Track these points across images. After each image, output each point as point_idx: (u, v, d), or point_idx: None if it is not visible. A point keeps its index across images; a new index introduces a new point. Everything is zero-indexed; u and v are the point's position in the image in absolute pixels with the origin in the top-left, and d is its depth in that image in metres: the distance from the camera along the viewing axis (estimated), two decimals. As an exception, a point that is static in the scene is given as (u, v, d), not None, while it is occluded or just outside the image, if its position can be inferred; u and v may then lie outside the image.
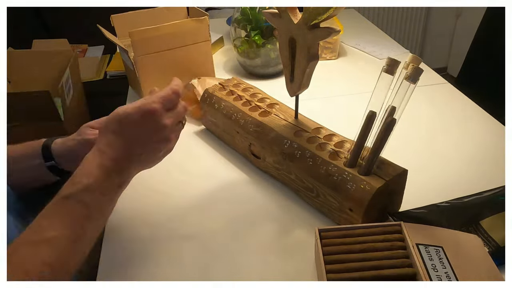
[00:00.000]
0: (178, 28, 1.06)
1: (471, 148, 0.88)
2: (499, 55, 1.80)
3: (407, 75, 0.60)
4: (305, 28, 0.66)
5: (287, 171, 0.75)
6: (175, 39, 1.07)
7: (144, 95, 1.09)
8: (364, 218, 0.64)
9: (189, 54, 1.10)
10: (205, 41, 1.12)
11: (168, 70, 1.09)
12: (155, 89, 0.60)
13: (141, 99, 0.57)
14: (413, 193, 0.72)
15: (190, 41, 1.09)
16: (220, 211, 0.74)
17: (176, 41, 1.07)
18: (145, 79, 1.08)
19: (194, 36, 1.09)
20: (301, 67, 0.70)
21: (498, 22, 1.78)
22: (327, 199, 0.68)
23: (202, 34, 1.10)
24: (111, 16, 1.16)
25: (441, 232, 0.60)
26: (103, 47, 2.33)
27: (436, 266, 0.54)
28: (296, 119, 0.79)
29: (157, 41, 1.05)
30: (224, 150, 0.90)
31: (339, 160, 0.68)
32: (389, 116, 0.63)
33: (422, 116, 0.98)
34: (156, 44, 1.05)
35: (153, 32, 1.03)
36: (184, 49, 1.09)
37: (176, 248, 0.68)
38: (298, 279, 0.61)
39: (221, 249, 0.67)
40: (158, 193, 0.79)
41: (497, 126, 0.94)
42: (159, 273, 0.64)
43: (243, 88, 0.90)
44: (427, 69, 1.17)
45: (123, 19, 1.17)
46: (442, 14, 2.63)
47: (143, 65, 1.06)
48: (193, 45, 1.10)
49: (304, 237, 0.68)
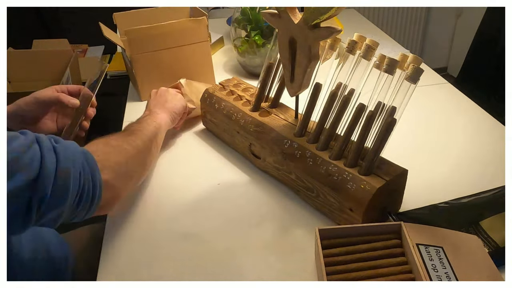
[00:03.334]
0: (175, 28, 1.06)
1: (471, 148, 0.87)
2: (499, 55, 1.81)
3: (407, 75, 0.60)
4: (306, 28, 0.66)
5: (287, 171, 0.75)
6: (172, 39, 1.07)
7: (142, 93, 1.10)
8: (364, 218, 0.64)
9: (187, 53, 1.10)
10: (204, 41, 1.11)
11: (166, 69, 1.09)
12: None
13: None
14: (413, 193, 0.72)
15: (189, 41, 1.09)
16: (220, 210, 0.74)
17: (174, 41, 1.07)
18: (142, 77, 1.08)
19: (192, 36, 1.09)
20: (301, 67, 0.70)
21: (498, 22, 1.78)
22: (327, 199, 0.68)
23: (200, 34, 1.10)
24: (114, 14, 1.16)
25: (441, 233, 0.60)
26: (103, 47, 2.33)
27: (436, 266, 0.54)
28: (296, 119, 0.79)
29: (153, 40, 1.05)
30: (224, 150, 0.90)
31: (339, 160, 0.68)
32: (389, 116, 0.63)
33: (422, 116, 0.98)
34: (153, 43, 1.05)
35: (149, 30, 1.03)
36: (182, 49, 1.09)
37: (176, 248, 0.68)
38: (297, 279, 0.61)
39: (221, 249, 0.67)
40: (158, 193, 0.79)
41: (497, 126, 0.94)
42: (159, 273, 0.64)
43: (243, 88, 0.90)
44: (427, 69, 1.17)
45: (125, 17, 1.17)
46: (442, 14, 2.63)
47: (140, 63, 1.06)
48: (191, 45, 1.10)
49: (304, 237, 0.68)
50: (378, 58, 0.63)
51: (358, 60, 0.65)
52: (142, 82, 1.09)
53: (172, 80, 0.98)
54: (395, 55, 0.62)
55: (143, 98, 1.11)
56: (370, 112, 0.65)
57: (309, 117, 0.74)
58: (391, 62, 0.61)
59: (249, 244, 0.67)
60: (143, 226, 0.72)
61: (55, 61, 1.56)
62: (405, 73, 0.61)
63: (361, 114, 0.66)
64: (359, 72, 0.65)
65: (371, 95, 0.65)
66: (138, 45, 1.04)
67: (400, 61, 0.62)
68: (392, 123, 0.63)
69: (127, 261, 0.66)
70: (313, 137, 0.72)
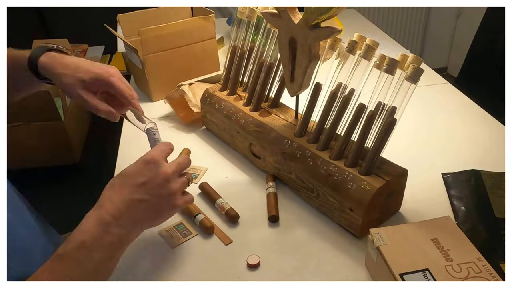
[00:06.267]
0: (185, 26, 1.08)
1: (471, 148, 0.87)
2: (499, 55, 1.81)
3: (407, 75, 0.60)
4: (306, 28, 0.66)
5: (287, 171, 0.75)
6: (182, 37, 1.08)
7: (153, 93, 1.10)
8: (365, 218, 0.64)
9: (196, 51, 1.12)
10: (211, 38, 1.14)
11: (176, 68, 1.11)
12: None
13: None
14: (413, 193, 0.72)
15: (197, 39, 1.11)
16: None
17: (184, 39, 1.09)
18: (152, 77, 1.09)
19: (200, 34, 1.11)
20: (302, 67, 0.70)
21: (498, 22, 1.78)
22: (327, 199, 0.68)
23: (208, 32, 1.12)
24: (118, 16, 1.17)
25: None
26: (103, 47, 2.33)
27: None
28: (296, 119, 0.79)
29: (165, 40, 1.06)
30: (224, 150, 0.90)
31: (339, 160, 0.68)
32: (389, 116, 0.63)
33: (422, 116, 0.98)
34: (165, 42, 1.06)
35: (161, 30, 1.04)
36: (191, 47, 1.11)
37: (176, 248, 0.68)
38: (297, 279, 0.62)
39: (221, 249, 0.67)
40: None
41: (497, 126, 0.94)
42: (159, 272, 0.64)
43: (243, 88, 0.90)
44: (427, 69, 1.17)
45: (129, 19, 1.17)
46: (442, 14, 2.63)
47: (152, 63, 1.07)
48: (199, 43, 1.12)
49: (304, 237, 0.68)
50: (378, 58, 0.63)
51: (358, 60, 0.65)
52: (154, 82, 1.10)
53: (182, 78, 0.99)
54: (395, 55, 0.62)
55: (154, 98, 1.12)
56: (370, 112, 0.65)
57: (309, 117, 0.74)
58: (391, 62, 0.61)
59: (248, 244, 0.67)
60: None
61: (55, 61, 1.56)
62: (405, 73, 0.61)
63: (361, 114, 0.66)
64: (359, 72, 0.66)
65: (371, 95, 0.65)
66: (150, 45, 1.05)
67: (400, 61, 0.62)
68: (392, 123, 0.63)
69: (127, 261, 0.66)
70: (313, 137, 0.72)
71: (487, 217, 0.69)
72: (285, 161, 0.74)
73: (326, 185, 0.68)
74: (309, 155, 0.71)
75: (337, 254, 0.65)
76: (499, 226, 0.67)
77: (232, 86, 0.89)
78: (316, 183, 0.69)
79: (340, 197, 0.66)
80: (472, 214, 0.70)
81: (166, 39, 1.06)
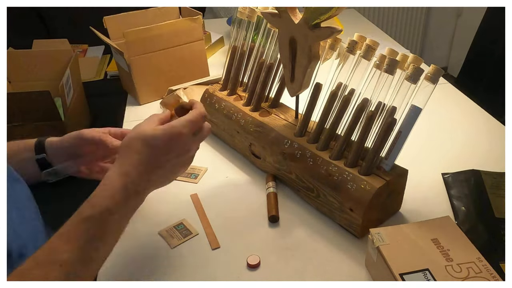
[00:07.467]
0: (172, 28, 1.06)
1: (471, 148, 0.87)
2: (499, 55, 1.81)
3: (407, 75, 0.60)
4: (306, 28, 0.66)
5: (287, 171, 0.75)
6: (169, 39, 1.07)
7: (141, 97, 1.09)
8: (365, 218, 0.64)
9: (183, 53, 1.10)
10: (199, 40, 1.12)
11: (163, 71, 1.09)
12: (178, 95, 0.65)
13: (170, 123, 0.57)
14: (413, 193, 0.72)
15: (184, 41, 1.09)
16: (220, 210, 0.74)
17: (171, 41, 1.07)
18: (139, 80, 1.07)
19: (188, 36, 1.09)
20: (302, 67, 0.70)
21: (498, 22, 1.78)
22: (327, 199, 0.68)
23: (196, 34, 1.10)
24: (104, 18, 1.15)
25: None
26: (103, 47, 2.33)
27: None
28: (296, 119, 0.79)
29: (151, 41, 1.04)
30: (224, 150, 0.90)
31: (339, 160, 0.68)
32: (389, 116, 0.63)
33: (422, 116, 0.98)
34: (151, 44, 1.05)
35: (147, 32, 1.02)
36: (179, 49, 1.09)
37: (176, 247, 0.68)
38: (297, 279, 0.61)
39: (221, 249, 0.67)
40: (157, 192, 0.79)
41: (497, 126, 0.94)
42: (159, 272, 0.64)
43: (243, 88, 0.90)
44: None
45: (115, 21, 1.16)
46: (442, 14, 2.63)
47: (138, 66, 1.05)
48: (187, 44, 1.10)
49: (304, 237, 0.68)
50: (378, 58, 0.63)
51: (359, 60, 0.65)
52: (141, 85, 1.08)
53: (169, 80, 0.98)
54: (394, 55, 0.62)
55: (142, 101, 1.10)
56: (370, 112, 0.65)
57: (309, 117, 0.74)
58: (391, 62, 0.61)
59: (248, 244, 0.67)
60: (143, 226, 0.72)
61: (55, 61, 1.55)
62: (405, 73, 0.61)
63: (362, 114, 0.66)
64: (359, 72, 0.66)
65: (371, 95, 0.65)
66: (136, 47, 1.03)
67: (400, 61, 0.62)
68: (392, 123, 0.63)
69: (127, 261, 0.66)
70: (313, 137, 0.72)
71: (487, 217, 0.69)
72: (285, 161, 0.74)
73: (326, 185, 0.68)
74: (309, 155, 0.71)
75: (337, 254, 0.65)
76: (499, 226, 0.67)
77: (232, 86, 0.89)
78: (316, 183, 0.69)
79: (340, 197, 0.66)
80: (472, 214, 0.70)
81: (152, 41, 1.04)
